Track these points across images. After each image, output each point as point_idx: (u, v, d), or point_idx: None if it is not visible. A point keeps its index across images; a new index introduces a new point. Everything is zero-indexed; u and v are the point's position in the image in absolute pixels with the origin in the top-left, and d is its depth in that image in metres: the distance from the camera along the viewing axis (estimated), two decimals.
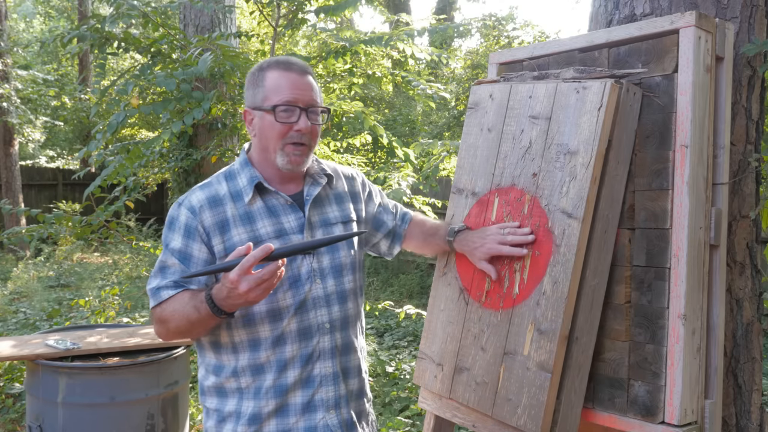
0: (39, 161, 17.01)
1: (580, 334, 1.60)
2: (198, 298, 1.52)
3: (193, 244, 1.59)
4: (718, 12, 1.79)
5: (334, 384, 1.65)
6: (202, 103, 3.88)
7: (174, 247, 1.60)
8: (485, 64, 11.16)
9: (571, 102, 1.66)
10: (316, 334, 1.63)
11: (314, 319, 1.64)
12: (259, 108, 1.62)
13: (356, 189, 1.84)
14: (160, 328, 1.61)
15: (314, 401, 1.63)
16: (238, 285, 1.40)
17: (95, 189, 4.16)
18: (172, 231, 1.61)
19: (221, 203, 1.62)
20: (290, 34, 6.03)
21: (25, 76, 12.35)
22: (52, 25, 18.52)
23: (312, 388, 1.63)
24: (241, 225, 1.60)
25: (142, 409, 2.75)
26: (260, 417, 1.62)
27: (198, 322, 1.54)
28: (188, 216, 1.60)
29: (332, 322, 1.66)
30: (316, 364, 1.64)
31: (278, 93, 1.59)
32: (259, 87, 1.63)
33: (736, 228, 1.81)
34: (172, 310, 1.56)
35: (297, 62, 1.65)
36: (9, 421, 4.07)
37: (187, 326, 1.55)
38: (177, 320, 1.55)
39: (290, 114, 1.59)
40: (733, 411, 1.82)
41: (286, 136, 1.59)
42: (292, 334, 1.61)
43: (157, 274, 1.61)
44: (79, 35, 4.26)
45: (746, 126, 1.80)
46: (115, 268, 9.64)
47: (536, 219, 1.67)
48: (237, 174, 1.67)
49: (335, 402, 1.65)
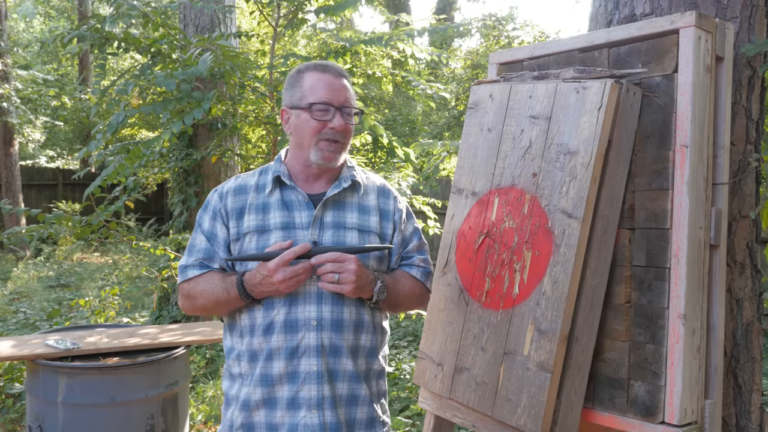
0: (39, 161, 17.02)
1: (580, 334, 1.60)
2: (228, 281, 1.66)
3: (217, 225, 1.75)
4: (718, 12, 1.79)
5: (318, 383, 1.66)
6: (202, 103, 3.88)
7: (204, 228, 1.76)
8: (485, 64, 11.16)
9: (571, 102, 1.66)
10: (302, 329, 1.67)
11: (302, 313, 1.67)
12: (296, 107, 1.72)
13: (388, 208, 1.85)
14: (186, 302, 1.76)
15: (298, 398, 1.65)
16: (274, 274, 1.56)
17: (95, 189, 4.16)
18: (205, 213, 1.78)
19: (245, 192, 1.76)
20: (290, 34, 6.03)
21: (25, 76, 12.36)
22: (52, 25, 18.52)
23: (297, 384, 1.66)
24: (254, 213, 1.72)
25: (142, 409, 2.75)
26: (249, 404, 1.67)
27: (225, 303, 1.68)
28: (216, 200, 1.77)
29: (320, 321, 1.67)
30: (302, 360, 1.66)
31: (314, 93, 1.70)
32: (296, 88, 1.73)
33: (736, 228, 1.81)
34: (201, 289, 1.70)
35: (333, 65, 1.76)
36: (9, 421, 4.07)
37: (214, 305, 1.70)
38: (205, 298, 1.69)
39: (325, 112, 1.69)
40: (733, 411, 1.82)
41: (320, 133, 1.70)
42: (279, 325, 1.66)
43: (187, 252, 1.77)
44: (79, 35, 4.26)
45: (746, 126, 1.80)
46: (115, 268, 9.65)
47: (536, 219, 1.68)
48: (269, 169, 1.79)
49: (317, 402, 1.66)
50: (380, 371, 1.83)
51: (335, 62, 4.42)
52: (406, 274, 1.85)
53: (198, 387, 4.52)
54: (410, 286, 1.83)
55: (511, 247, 1.74)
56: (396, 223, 1.83)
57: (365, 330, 1.76)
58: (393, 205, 1.85)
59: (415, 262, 1.86)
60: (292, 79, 1.75)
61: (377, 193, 1.83)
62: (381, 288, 1.70)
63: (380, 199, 1.83)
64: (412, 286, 1.84)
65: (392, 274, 1.82)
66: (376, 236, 1.78)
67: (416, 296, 1.86)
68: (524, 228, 1.72)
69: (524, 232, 1.71)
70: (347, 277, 1.60)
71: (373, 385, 1.78)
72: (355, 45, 4.28)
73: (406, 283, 1.83)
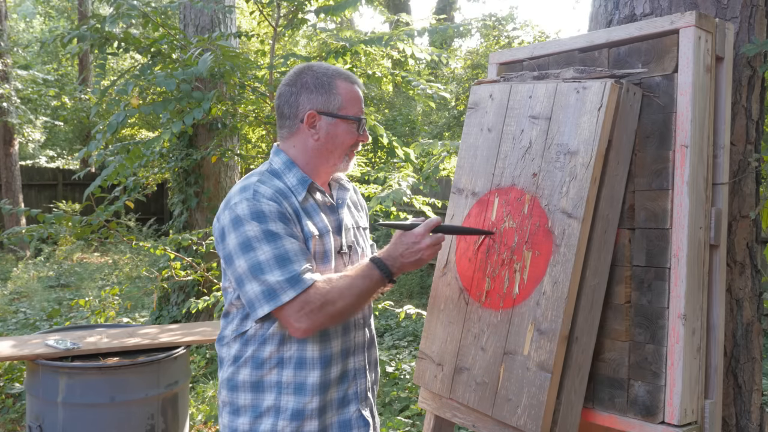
0: (39, 161, 17.01)
1: (580, 334, 1.60)
2: (362, 269, 1.61)
3: (292, 227, 1.61)
4: (718, 12, 1.79)
5: (365, 377, 1.77)
6: (202, 103, 3.88)
7: (280, 232, 1.57)
8: (485, 64, 11.15)
9: (571, 102, 1.66)
10: (353, 329, 1.75)
11: None
12: (332, 114, 1.69)
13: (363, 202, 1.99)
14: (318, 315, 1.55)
15: (348, 395, 1.72)
16: (422, 239, 1.61)
17: (95, 189, 4.16)
18: (269, 221, 1.57)
19: (287, 196, 1.65)
20: (290, 34, 6.03)
21: (25, 76, 12.36)
22: (52, 25, 18.51)
23: (347, 383, 1.72)
24: (310, 217, 1.67)
25: (142, 409, 2.75)
26: (302, 413, 1.63)
27: (366, 294, 1.61)
28: (272, 205, 1.59)
29: (365, 317, 1.79)
30: (351, 359, 1.74)
31: (354, 105, 1.72)
32: (331, 94, 1.69)
33: (736, 228, 1.81)
34: (339, 289, 1.57)
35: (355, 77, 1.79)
36: (9, 421, 4.07)
37: (355, 302, 1.59)
38: (347, 297, 1.58)
39: (361, 127, 1.75)
40: (733, 411, 1.82)
41: (353, 145, 1.75)
42: (338, 329, 1.69)
43: (277, 265, 1.54)
44: (79, 35, 4.26)
45: (746, 126, 1.80)
46: (115, 268, 9.64)
47: (536, 219, 1.68)
48: (282, 173, 1.70)
49: (365, 394, 1.77)
50: None
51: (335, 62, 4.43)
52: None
53: (198, 387, 4.52)
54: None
55: (511, 247, 1.74)
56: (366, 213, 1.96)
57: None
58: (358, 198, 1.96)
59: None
60: (320, 82, 1.68)
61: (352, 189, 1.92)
62: None
63: (357, 195, 1.95)
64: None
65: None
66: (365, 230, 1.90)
67: None
68: (524, 228, 1.72)
69: (524, 232, 1.71)
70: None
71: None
72: (355, 45, 4.28)
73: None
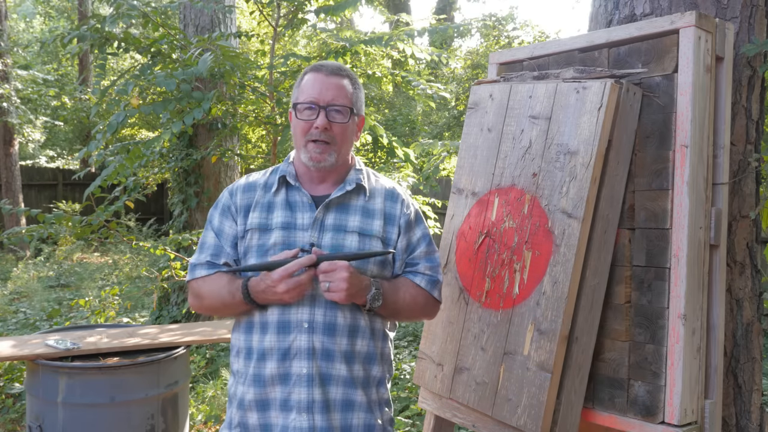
0: (39, 161, 17.01)
1: (580, 334, 1.60)
2: (235, 285, 1.67)
3: (225, 222, 1.77)
4: (718, 12, 1.79)
5: (308, 387, 1.65)
6: (202, 103, 3.88)
7: (214, 225, 1.79)
8: (485, 64, 11.15)
9: (571, 102, 1.66)
10: (294, 331, 1.67)
11: (294, 315, 1.67)
12: (294, 106, 1.75)
13: (394, 212, 1.79)
14: (194, 301, 1.80)
15: (290, 400, 1.66)
16: (278, 285, 1.57)
17: (95, 189, 4.16)
18: (216, 210, 1.81)
19: (254, 190, 1.78)
20: (290, 34, 6.03)
21: (25, 76, 12.35)
22: (52, 25, 18.51)
23: (289, 386, 1.66)
24: (259, 211, 1.75)
25: (142, 409, 2.75)
26: (244, 404, 1.69)
27: (231, 306, 1.70)
28: (227, 197, 1.80)
29: (312, 324, 1.66)
30: (293, 362, 1.66)
31: (303, 93, 1.71)
32: (298, 87, 1.76)
33: (736, 228, 1.81)
34: (209, 290, 1.73)
35: (330, 64, 1.75)
36: (9, 421, 4.07)
37: (220, 307, 1.74)
38: (212, 299, 1.73)
39: (312, 112, 1.69)
40: (733, 411, 1.82)
41: (307, 134, 1.70)
42: (273, 325, 1.68)
43: (198, 250, 1.80)
44: (79, 35, 4.26)
45: (746, 126, 1.80)
46: (115, 268, 9.64)
47: (536, 219, 1.68)
48: (279, 168, 1.81)
49: (307, 405, 1.64)
50: (381, 378, 1.77)
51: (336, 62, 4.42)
52: (408, 282, 1.77)
53: (198, 387, 4.52)
54: (411, 294, 1.75)
55: (511, 247, 1.73)
56: (401, 228, 1.77)
57: (361, 335, 1.72)
58: (399, 209, 1.78)
59: (420, 269, 1.78)
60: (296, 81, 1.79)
61: (384, 196, 1.79)
62: (375, 295, 1.66)
63: (387, 203, 1.78)
64: (414, 294, 1.76)
65: (394, 281, 1.76)
66: (379, 240, 1.73)
67: (419, 305, 1.77)
68: (524, 228, 1.72)
69: (524, 232, 1.71)
70: (338, 285, 1.58)
71: (373, 392, 1.74)
72: (355, 45, 4.28)
73: (407, 290, 1.75)
